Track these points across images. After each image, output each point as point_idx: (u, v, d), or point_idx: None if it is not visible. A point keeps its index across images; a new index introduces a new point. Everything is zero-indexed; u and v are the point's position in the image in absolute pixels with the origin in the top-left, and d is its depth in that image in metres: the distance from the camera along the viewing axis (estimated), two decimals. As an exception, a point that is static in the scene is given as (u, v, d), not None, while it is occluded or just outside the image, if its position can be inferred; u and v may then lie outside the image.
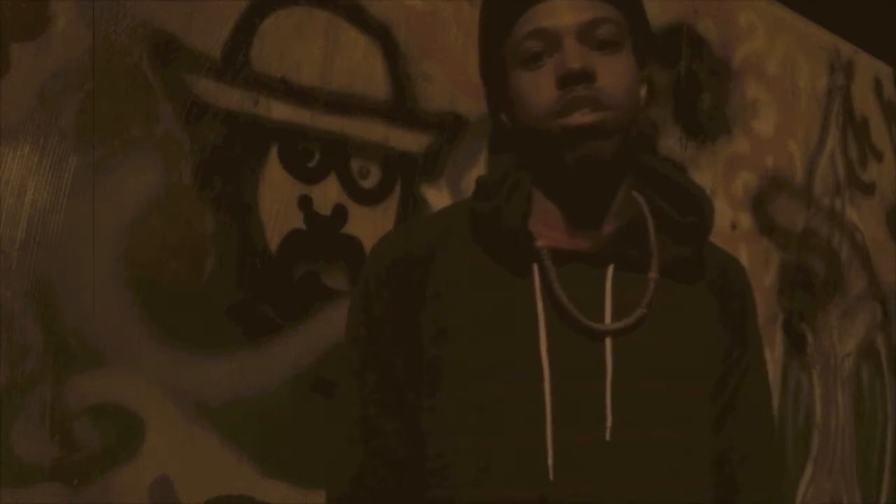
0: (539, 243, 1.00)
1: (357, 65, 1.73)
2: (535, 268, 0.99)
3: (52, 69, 1.37)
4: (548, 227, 1.03)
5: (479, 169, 1.87)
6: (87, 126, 1.39)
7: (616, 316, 0.98)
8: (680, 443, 1.00)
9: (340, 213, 1.69)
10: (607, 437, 0.94)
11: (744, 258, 2.54)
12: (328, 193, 1.67)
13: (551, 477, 0.93)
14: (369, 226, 1.70)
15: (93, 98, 1.40)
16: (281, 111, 1.62)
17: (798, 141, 2.79)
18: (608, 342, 0.97)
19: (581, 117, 0.96)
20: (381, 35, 1.76)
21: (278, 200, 1.61)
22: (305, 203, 1.64)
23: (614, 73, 0.98)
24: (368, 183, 1.73)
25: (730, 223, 2.51)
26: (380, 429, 1.03)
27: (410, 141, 1.79)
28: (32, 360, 1.33)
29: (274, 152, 1.61)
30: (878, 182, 3.16)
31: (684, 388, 1.01)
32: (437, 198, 1.80)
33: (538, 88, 0.98)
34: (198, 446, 1.48)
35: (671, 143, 2.36)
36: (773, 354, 2.63)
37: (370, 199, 1.73)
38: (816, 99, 2.88)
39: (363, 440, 1.03)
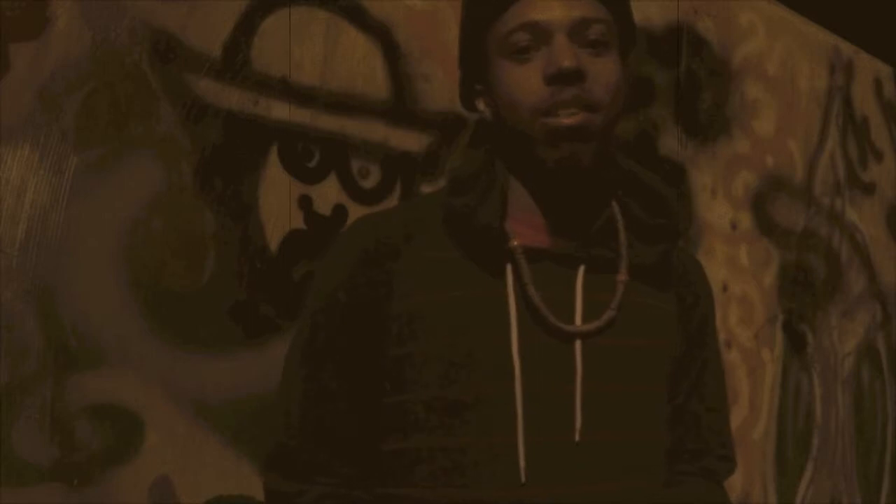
0: (514, 243, 0.99)
1: (357, 65, 1.73)
2: (509, 267, 0.98)
3: (52, 69, 1.36)
4: (522, 225, 1.02)
5: (479, 169, 1.87)
6: (87, 126, 1.39)
7: (586, 317, 0.98)
8: (649, 443, 1.02)
9: (340, 213, 1.69)
10: (577, 438, 0.94)
11: (744, 258, 2.54)
12: (328, 193, 1.67)
13: (523, 479, 0.93)
14: (369, 226, 1.69)
15: (93, 98, 1.40)
16: (281, 111, 1.62)
17: (798, 141, 2.79)
18: (578, 343, 0.97)
19: (568, 118, 0.95)
20: (381, 35, 1.76)
21: (278, 200, 1.61)
22: (305, 203, 1.64)
23: (603, 74, 0.96)
24: (368, 183, 1.73)
25: (730, 223, 2.51)
26: (329, 417, 1.01)
27: (410, 141, 1.79)
28: (32, 360, 1.33)
29: (274, 152, 1.61)
30: (878, 182, 3.16)
31: (653, 388, 1.03)
32: (437, 198, 1.80)
33: (525, 83, 0.96)
34: (198, 446, 1.48)
35: (671, 143, 2.36)
36: (773, 354, 2.63)
37: (370, 199, 1.73)
38: (816, 99, 2.88)
39: (309, 431, 1.01)
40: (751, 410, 2.53)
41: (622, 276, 1.01)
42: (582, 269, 1.00)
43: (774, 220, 2.66)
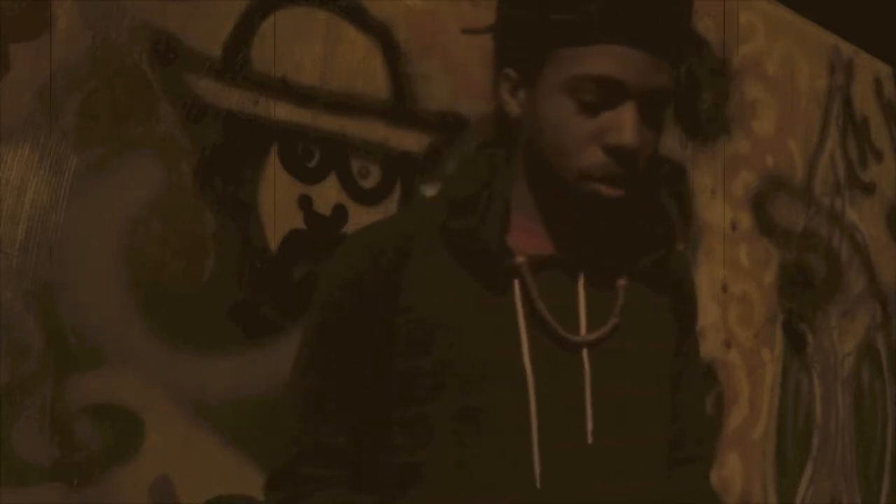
0: (519, 259, 0.99)
1: (357, 65, 1.73)
2: (516, 281, 0.99)
3: (52, 69, 1.36)
4: (524, 233, 1.02)
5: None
6: (87, 126, 1.39)
7: (590, 325, 1.00)
8: (655, 444, 1.04)
9: (340, 213, 1.69)
10: (589, 440, 0.96)
11: (744, 258, 2.54)
12: (328, 193, 1.67)
13: (538, 485, 0.94)
14: (369, 226, 1.69)
15: (93, 98, 1.40)
16: (281, 111, 1.62)
17: (798, 141, 2.79)
18: (585, 352, 0.99)
19: (608, 189, 0.96)
20: (381, 35, 1.76)
21: (278, 200, 1.61)
22: (305, 203, 1.64)
23: (647, 151, 0.98)
24: (368, 183, 1.73)
25: (730, 223, 2.51)
26: (334, 432, 1.01)
27: (410, 141, 1.79)
28: (32, 360, 1.32)
29: (274, 152, 1.61)
30: (878, 182, 3.16)
31: (657, 391, 1.05)
32: (437, 198, 1.80)
33: (580, 137, 0.95)
34: (198, 446, 1.48)
35: (671, 143, 2.36)
36: (773, 354, 2.63)
37: (370, 199, 1.73)
38: (816, 99, 2.88)
39: (313, 447, 1.01)
40: (751, 410, 2.53)
41: (623, 282, 1.03)
42: (583, 275, 1.02)
43: (774, 220, 2.66)
